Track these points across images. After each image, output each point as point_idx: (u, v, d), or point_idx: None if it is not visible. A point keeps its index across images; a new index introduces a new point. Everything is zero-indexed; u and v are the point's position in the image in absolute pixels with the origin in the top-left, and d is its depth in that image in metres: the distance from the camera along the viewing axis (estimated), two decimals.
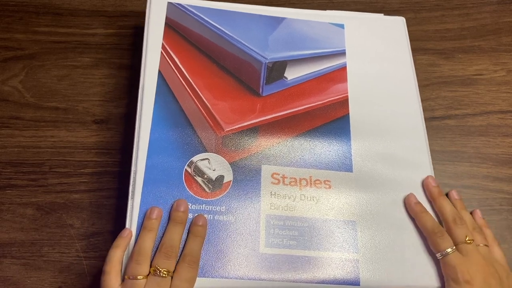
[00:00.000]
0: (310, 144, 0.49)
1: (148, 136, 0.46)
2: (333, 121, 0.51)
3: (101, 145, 0.52)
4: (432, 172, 0.49)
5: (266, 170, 0.47)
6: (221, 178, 0.46)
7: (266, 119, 0.49)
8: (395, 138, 0.50)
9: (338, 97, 0.52)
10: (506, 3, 0.65)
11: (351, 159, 0.49)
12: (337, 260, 0.44)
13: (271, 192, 0.46)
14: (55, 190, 0.49)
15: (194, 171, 0.46)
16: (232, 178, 0.46)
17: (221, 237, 0.43)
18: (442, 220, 0.46)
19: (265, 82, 0.51)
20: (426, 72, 0.59)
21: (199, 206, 0.44)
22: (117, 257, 0.41)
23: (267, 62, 0.52)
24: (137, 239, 0.42)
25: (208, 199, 0.45)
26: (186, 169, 0.46)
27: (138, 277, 0.39)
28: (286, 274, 0.43)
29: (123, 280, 0.40)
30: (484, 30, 0.63)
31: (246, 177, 0.46)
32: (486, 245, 0.44)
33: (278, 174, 0.47)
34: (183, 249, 0.42)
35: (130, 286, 0.39)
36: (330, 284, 0.43)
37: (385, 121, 0.51)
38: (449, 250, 0.42)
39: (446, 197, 0.47)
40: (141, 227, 0.42)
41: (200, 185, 0.45)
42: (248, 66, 0.52)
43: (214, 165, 0.46)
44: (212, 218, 0.44)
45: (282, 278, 0.42)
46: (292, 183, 0.47)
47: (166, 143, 0.46)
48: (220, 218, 0.44)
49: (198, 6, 0.55)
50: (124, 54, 0.57)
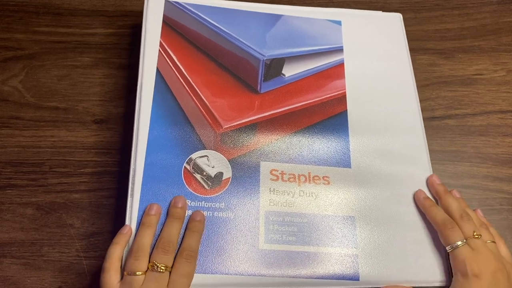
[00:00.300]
0: (308, 140, 0.49)
1: (147, 133, 0.46)
2: (331, 117, 0.51)
3: (101, 145, 0.52)
4: (430, 168, 0.49)
5: (265, 166, 0.47)
6: (220, 175, 0.46)
7: (265, 116, 0.49)
8: (393, 134, 0.50)
9: (335, 93, 0.52)
10: (506, 3, 0.65)
11: (350, 155, 0.49)
12: (336, 255, 0.44)
13: (270, 188, 0.46)
14: (55, 190, 0.49)
15: (193, 168, 0.46)
16: (231, 175, 0.46)
17: (220, 233, 0.43)
18: (450, 216, 0.45)
19: (263, 79, 0.51)
20: (426, 72, 0.59)
21: (199, 203, 0.44)
22: (116, 254, 0.41)
23: (265, 59, 0.52)
24: (136, 236, 0.42)
25: (207, 196, 0.45)
26: (185, 166, 0.46)
27: (137, 273, 0.39)
28: (285, 269, 0.43)
29: (122, 277, 0.40)
30: (484, 30, 0.63)
31: (245, 173, 0.46)
32: (493, 241, 0.44)
33: (277, 171, 0.47)
34: (181, 244, 0.42)
35: (129, 282, 0.39)
36: (330, 279, 0.43)
37: (383, 117, 0.51)
38: (459, 243, 0.42)
39: (450, 194, 0.47)
40: (138, 223, 0.43)
41: (199, 182, 0.45)
42: (246, 64, 0.52)
43: (213, 162, 0.46)
44: (211, 214, 0.44)
45: (281, 274, 0.43)
46: (291, 179, 0.47)
47: (165, 141, 0.47)
48: (219, 214, 0.44)
49: (195, 4, 0.55)
50: (124, 53, 0.57)
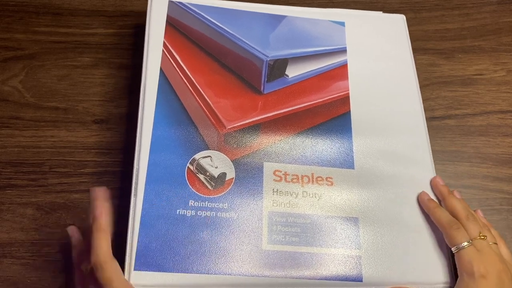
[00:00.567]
0: (311, 141, 0.49)
1: (150, 133, 0.46)
2: (334, 118, 0.51)
3: (101, 145, 0.52)
4: (433, 169, 0.49)
5: (268, 167, 0.47)
6: (223, 175, 0.46)
7: (268, 117, 0.49)
8: (397, 135, 0.50)
9: (339, 94, 0.52)
10: (506, 3, 0.65)
11: (353, 156, 0.49)
12: (339, 256, 0.44)
13: (273, 189, 0.46)
14: (55, 190, 0.49)
15: (196, 169, 0.46)
16: (234, 176, 0.46)
17: (223, 234, 0.43)
18: (454, 217, 0.45)
19: (266, 79, 0.51)
20: (426, 72, 0.59)
21: (202, 204, 0.44)
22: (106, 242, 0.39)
23: (268, 60, 0.52)
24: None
25: (210, 197, 0.45)
26: (188, 166, 0.46)
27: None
28: (288, 270, 0.43)
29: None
30: (484, 30, 0.63)
31: (248, 174, 0.46)
32: (495, 243, 0.44)
33: (280, 171, 0.47)
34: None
35: None
36: (333, 280, 0.43)
37: (386, 118, 0.51)
38: (465, 244, 0.42)
39: (454, 196, 0.47)
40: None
41: (202, 182, 0.45)
42: (249, 64, 0.52)
43: (216, 162, 0.46)
44: (214, 215, 0.44)
45: (285, 275, 0.42)
46: (294, 180, 0.47)
47: (168, 141, 0.46)
48: (222, 215, 0.44)
49: (199, 4, 0.55)
50: (124, 54, 0.57)
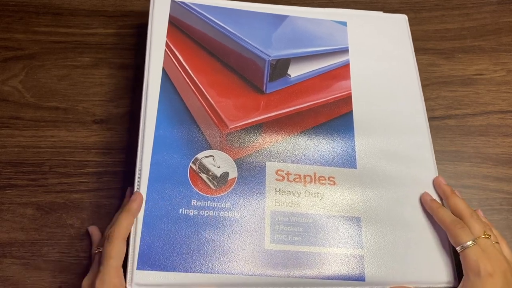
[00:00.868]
0: (314, 141, 0.49)
1: (153, 133, 0.46)
2: (336, 118, 0.51)
3: (101, 145, 0.52)
4: (435, 168, 0.49)
5: (271, 167, 0.47)
6: (226, 175, 0.46)
7: (270, 116, 0.49)
8: (399, 134, 0.50)
9: (341, 94, 0.52)
10: (506, 3, 0.65)
11: (355, 156, 0.49)
12: (342, 256, 0.44)
13: (276, 188, 0.46)
14: (55, 190, 0.49)
15: (199, 168, 0.46)
16: (236, 175, 0.46)
17: (226, 233, 0.43)
18: (458, 216, 0.45)
19: (268, 79, 0.51)
20: (426, 72, 0.59)
21: (204, 203, 0.44)
22: (127, 222, 0.41)
23: (271, 59, 0.52)
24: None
25: (213, 196, 0.45)
26: (191, 166, 0.46)
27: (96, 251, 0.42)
28: (291, 270, 0.43)
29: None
30: (484, 30, 0.63)
31: (251, 173, 0.46)
32: (497, 242, 0.44)
33: (283, 171, 0.47)
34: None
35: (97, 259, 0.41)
36: (335, 280, 0.43)
37: (388, 118, 0.51)
38: (470, 243, 0.42)
39: (456, 195, 0.46)
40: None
41: (205, 182, 0.45)
42: (251, 64, 0.52)
43: (218, 162, 0.46)
44: (217, 214, 0.44)
45: (287, 274, 0.42)
46: (296, 180, 0.47)
47: (171, 140, 0.46)
48: (225, 214, 0.44)
49: (201, 4, 0.55)
50: (124, 53, 0.57)
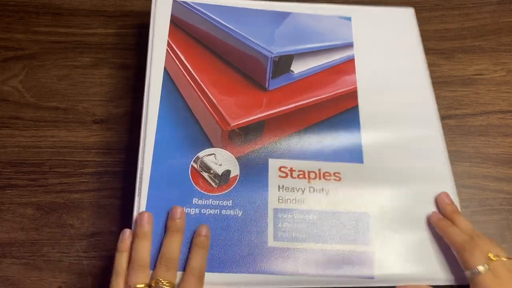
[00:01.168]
0: (318, 136, 0.48)
1: (154, 132, 0.46)
2: (341, 112, 0.50)
3: (101, 145, 0.52)
4: (448, 163, 0.48)
5: (273, 163, 0.47)
6: (227, 172, 0.46)
7: (273, 113, 0.49)
8: (409, 128, 0.50)
9: (346, 89, 0.51)
10: (506, 3, 0.65)
11: (362, 150, 0.48)
12: (350, 253, 0.43)
13: (279, 185, 0.46)
14: (55, 190, 0.49)
15: (200, 167, 0.46)
16: (238, 173, 0.46)
17: (229, 231, 0.43)
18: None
19: (271, 76, 0.51)
20: None
21: (206, 201, 0.44)
22: (124, 260, 0.40)
23: (273, 56, 0.52)
24: (133, 249, 0.41)
25: (215, 194, 0.45)
26: (192, 164, 0.46)
27: (137, 286, 0.38)
28: (295, 267, 0.42)
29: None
30: (484, 30, 0.63)
31: (253, 171, 0.46)
32: (510, 258, 0.40)
33: (286, 168, 0.47)
34: (188, 262, 0.41)
35: None
36: (343, 277, 0.42)
37: (396, 112, 0.51)
38: (481, 268, 0.39)
39: (460, 214, 0.45)
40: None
41: (206, 180, 0.45)
42: (254, 61, 0.52)
43: (220, 160, 0.46)
44: (219, 212, 0.44)
45: (291, 272, 0.42)
46: (300, 176, 0.46)
47: (172, 140, 0.46)
48: (227, 212, 0.44)
49: (203, 3, 0.55)
50: (124, 53, 0.57)
